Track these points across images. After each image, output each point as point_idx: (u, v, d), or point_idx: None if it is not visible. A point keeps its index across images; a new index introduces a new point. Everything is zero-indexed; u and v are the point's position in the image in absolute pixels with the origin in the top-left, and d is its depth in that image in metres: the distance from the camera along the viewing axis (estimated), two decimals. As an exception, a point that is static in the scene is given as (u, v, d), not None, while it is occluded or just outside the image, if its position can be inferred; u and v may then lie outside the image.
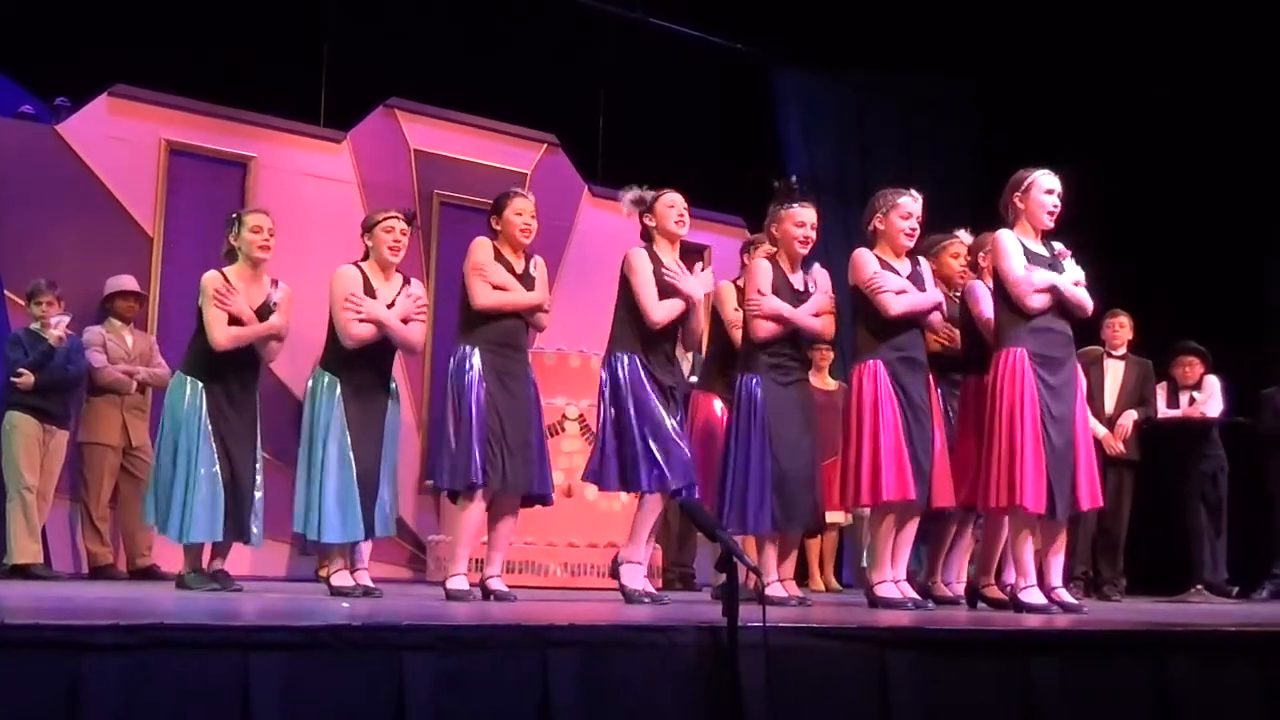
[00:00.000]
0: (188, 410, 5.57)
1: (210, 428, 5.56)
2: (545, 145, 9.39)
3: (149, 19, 7.83)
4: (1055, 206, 5.14)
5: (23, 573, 6.63)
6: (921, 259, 5.48)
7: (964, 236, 5.90)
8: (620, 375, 5.16)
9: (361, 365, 5.33)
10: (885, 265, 5.26)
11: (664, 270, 5.23)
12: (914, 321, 5.25)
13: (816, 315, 5.30)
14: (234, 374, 5.64)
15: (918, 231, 5.35)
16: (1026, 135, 8.52)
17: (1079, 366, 5.23)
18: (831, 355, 8.09)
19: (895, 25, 9.92)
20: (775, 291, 5.21)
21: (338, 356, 5.34)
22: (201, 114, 8.05)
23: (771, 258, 5.34)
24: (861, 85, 10.21)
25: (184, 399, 5.60)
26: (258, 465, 5.71)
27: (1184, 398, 8.03)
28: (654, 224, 5.33)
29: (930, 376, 5.35)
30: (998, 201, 5.27)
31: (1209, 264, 9.50)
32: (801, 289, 5.30)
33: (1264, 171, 9.42)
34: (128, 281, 7.43)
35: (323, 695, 2.87)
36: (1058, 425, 4.94)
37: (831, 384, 7.89)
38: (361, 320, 5.24)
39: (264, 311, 5.67)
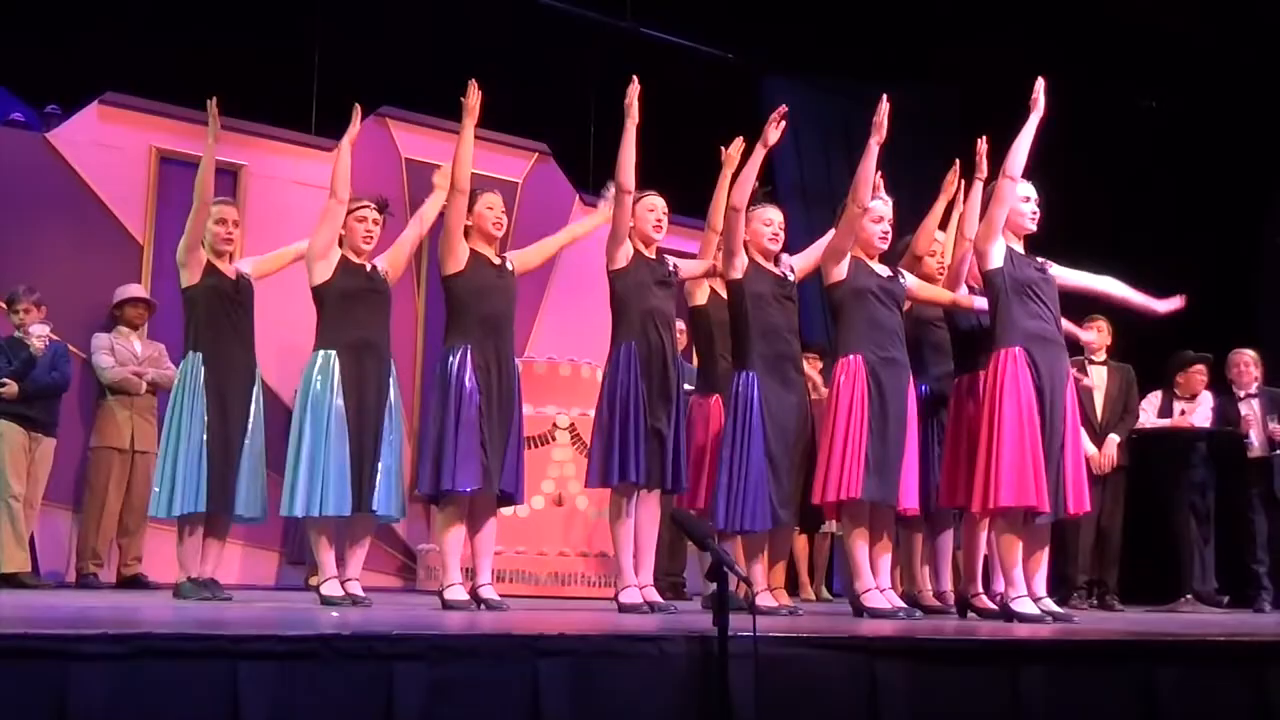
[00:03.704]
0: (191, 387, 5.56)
1: (206, 401, 5.53)
2: (536, 154, 9.41)
3: (139, 27, 7.84)
4: (1034, 212, 5.19)
5: (10, 581, 6.61)
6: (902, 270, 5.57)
7: (937, 234, 5.94)
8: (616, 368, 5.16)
9: (356, 341, 5.28)
10: (863, 266, 5.33)
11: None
12: (889, 323, 5.30)
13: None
14: (228, 347, 5.63)
15: (890, 234, 5.48)
16: (1010, 146, 8.56)
17: (1072, 373, 5.23)
18: (820, 363, 8.10)
19: (882, 36, 9.97)
20: (755, 281, 5.31)
21: (332, 333, 5.30)
22: (192, 122, 8.02)
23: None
24: (849, 95, 10.25)
25: (186, 376, 5.59)
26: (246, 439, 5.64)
27: (1176, 407, 8.05)
28: (633, 224, 5.33)
29: (911, 378, 5.38)
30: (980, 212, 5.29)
31: (1203, 271, 9.53)
32: (781, 275, 5.42)
33: (1259, 173, 9.48)
34: (135, 289, 7.47)
35: (312, 705, 2.86)
36: (1054, 427, 4.95)
37: (825, 391, 7.89)
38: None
39: (242, 286, 5.70)
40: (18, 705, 2.60)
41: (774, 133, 5.30)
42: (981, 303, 5.35)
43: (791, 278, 5.46)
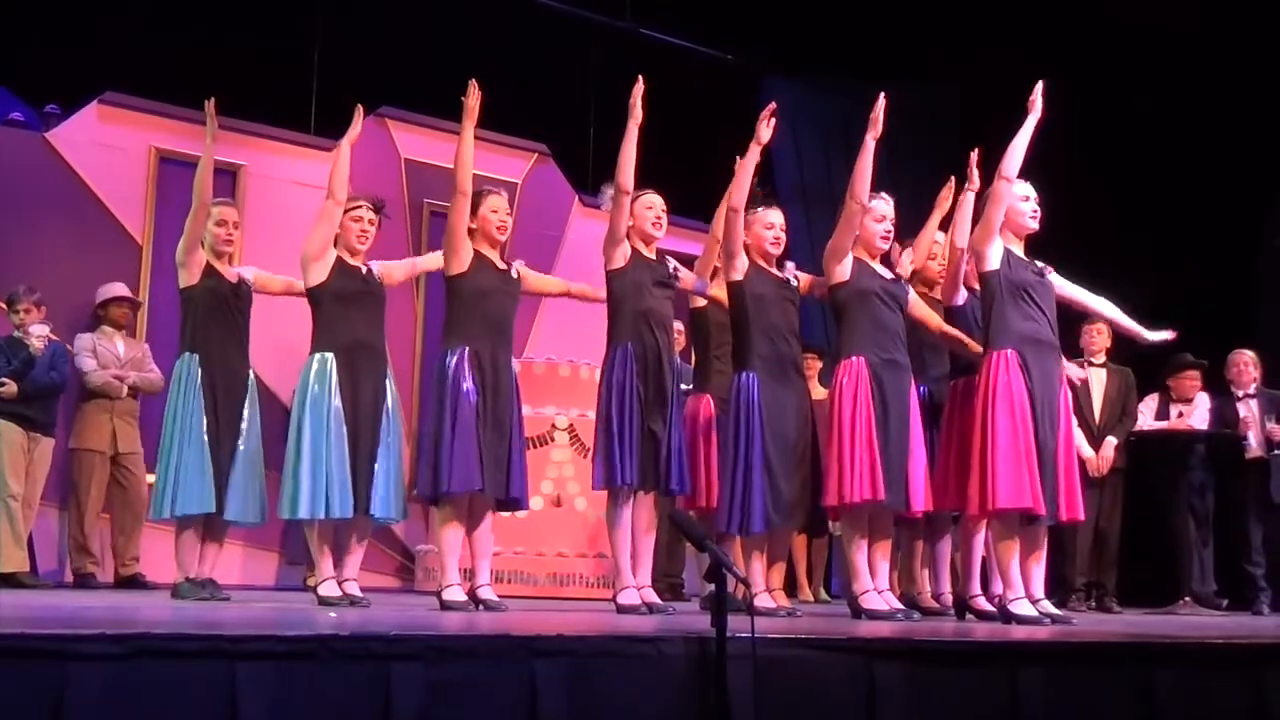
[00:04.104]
0: (186, 387, 5.56)
1: (203, 402, 5.53)
2: (536, 155, 9.40)
3: (139, 27, 7.83)
4: (1035, 211, 5.17)
5: (8, 581, 6.61)
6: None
7: (937, 236, 5.94)
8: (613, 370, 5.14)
9: (352, 343, 5.27)
10: (866, 268, 5.33)
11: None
12: (891, 324, 5.30)
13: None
14: (224, 350, 5.64)
15: (891, 233, 5.46)
16: (1006, 147, 8.56)
17: (1065, 378, 5.23)
18: (819, 364, 8.11)
19: (882, 36, 9.97)
20: (756, 283, 5.32)
21: (328, 335, 5.28)
22: (191, 122, 8.00)
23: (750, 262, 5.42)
24: (849, 95, 10.25)
25: (184, 376, 5.58)
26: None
27: (1173, 410, 8.05)
28: (631, 224, 5.29)
29: (913, 380, 5.38)
30: (980, 212, 5.29)
31: (1198, 270, 9.54)
32: (784, 279, 5.44)
33: (1252, 174, 9.47)
34: (119, 288, 7.42)
35: (310, 705, 2.86)
36: (1046, 431, 4.94)
37: (822, 392, 7.88)
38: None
39: (242, 290, 5.71)
40: (16, 705, 2.60)
41: (766, 130, 5.28)
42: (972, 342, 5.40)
43: (795, 284, 5.46)
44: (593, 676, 3.17)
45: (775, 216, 5.45)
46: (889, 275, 5.44)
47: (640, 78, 5.19)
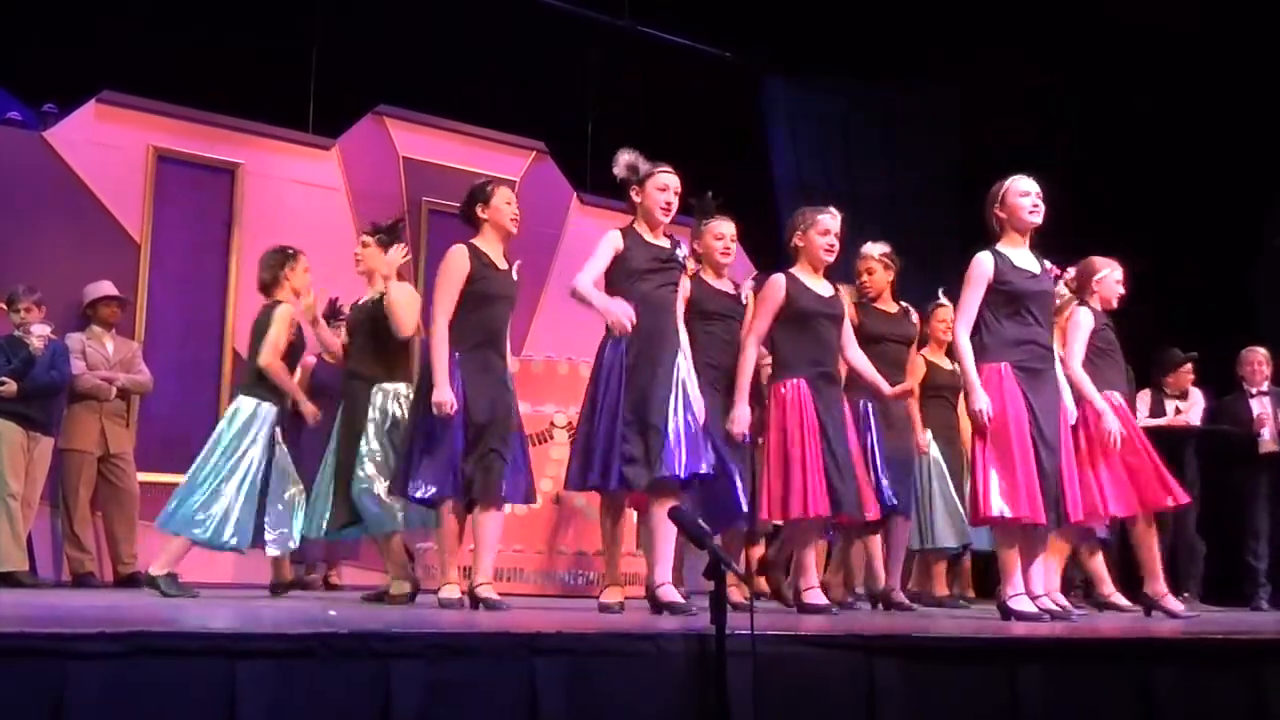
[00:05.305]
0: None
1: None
2: (534, 152, 9.40)
3: (137, 26, 7.83)
4: (1035, 205, 5.14)
5: (8, 580, 6.60)
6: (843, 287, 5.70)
7: (873, 250, 6.09)
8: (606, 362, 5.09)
9: (348, 376, 5.56)
10: (799, 287, 5.36)
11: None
12: (826, 339, 5.37)
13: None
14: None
15: (836, 248, 5.48)
16: (1009, 146, 8.57)
17: (1059, 377, 5.24)
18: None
19: (882, 36, 9.97)
20: (703, 300, 5.35)
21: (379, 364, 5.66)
22: (189, 120, 8.03)
23: (694, 275, 5.42)
24: (848, 94, 10.25)
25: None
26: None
27: (1169, 406, 8.07)
28: (640, 201, 5.09)
29: (842, 391, 5.47)
30: (981, 212, 5.29)
31: (1198, 270, 9.55)
32: (733, 295, 5.47)
33: (1252, 174, 9.48)
34: (107, 287, 7.39)
35: (310, 703, 2.85)
36: (1045, 437, 4.96)
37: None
38: None
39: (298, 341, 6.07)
40: (16, 704, 2.60)
41: None
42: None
43: (745, 300, 5.49)
44: (593, 675, 3.17)
45: (726, 227, 5.48)
46: (827, 293, 5.43)
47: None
